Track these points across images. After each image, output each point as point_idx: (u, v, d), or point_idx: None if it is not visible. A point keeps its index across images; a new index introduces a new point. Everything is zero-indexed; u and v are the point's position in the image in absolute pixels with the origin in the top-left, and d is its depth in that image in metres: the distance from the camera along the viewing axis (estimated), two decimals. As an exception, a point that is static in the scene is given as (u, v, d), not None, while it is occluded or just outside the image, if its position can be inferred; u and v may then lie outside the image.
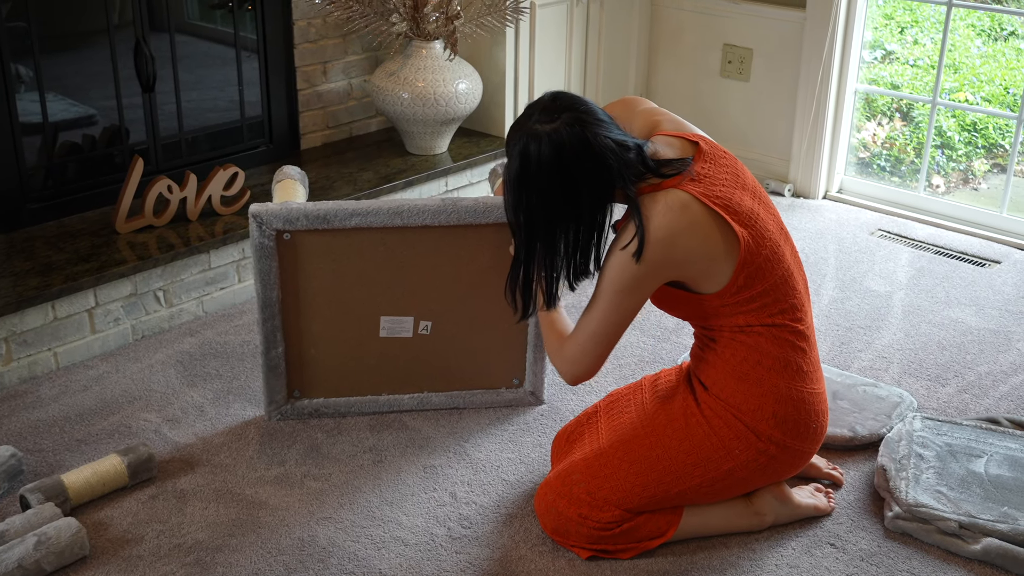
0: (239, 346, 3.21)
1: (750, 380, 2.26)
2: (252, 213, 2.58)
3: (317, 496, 2.54)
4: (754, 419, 2.27)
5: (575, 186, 2.12)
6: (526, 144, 2.12)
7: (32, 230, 3.35)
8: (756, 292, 2.21)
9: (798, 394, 2.28)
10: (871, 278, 3.74)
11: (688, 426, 2.32)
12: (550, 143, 2.10)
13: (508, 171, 2.18)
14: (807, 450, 2.34)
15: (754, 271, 2.19)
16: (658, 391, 2.47)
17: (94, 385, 2.99)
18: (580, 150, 2.10)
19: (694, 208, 2.15)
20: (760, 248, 2.20)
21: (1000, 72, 5.03)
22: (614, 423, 2.46)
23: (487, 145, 4.21)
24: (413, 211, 2.62)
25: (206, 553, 2.34)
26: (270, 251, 2.61)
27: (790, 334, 2.26)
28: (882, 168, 4.71)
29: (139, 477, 2.55)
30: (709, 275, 2.18)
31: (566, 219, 2.16)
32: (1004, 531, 2.36)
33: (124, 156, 3.56)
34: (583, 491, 2.33)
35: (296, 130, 4.07)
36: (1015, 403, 2.98)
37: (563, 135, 2.10)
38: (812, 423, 2.31)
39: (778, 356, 2.25)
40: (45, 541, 2.23)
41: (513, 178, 2.16)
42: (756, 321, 2.23)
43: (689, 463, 2.30)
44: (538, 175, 2.12)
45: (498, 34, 4.15)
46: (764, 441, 2.28)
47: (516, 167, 2.14)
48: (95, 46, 3.43)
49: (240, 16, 3.77)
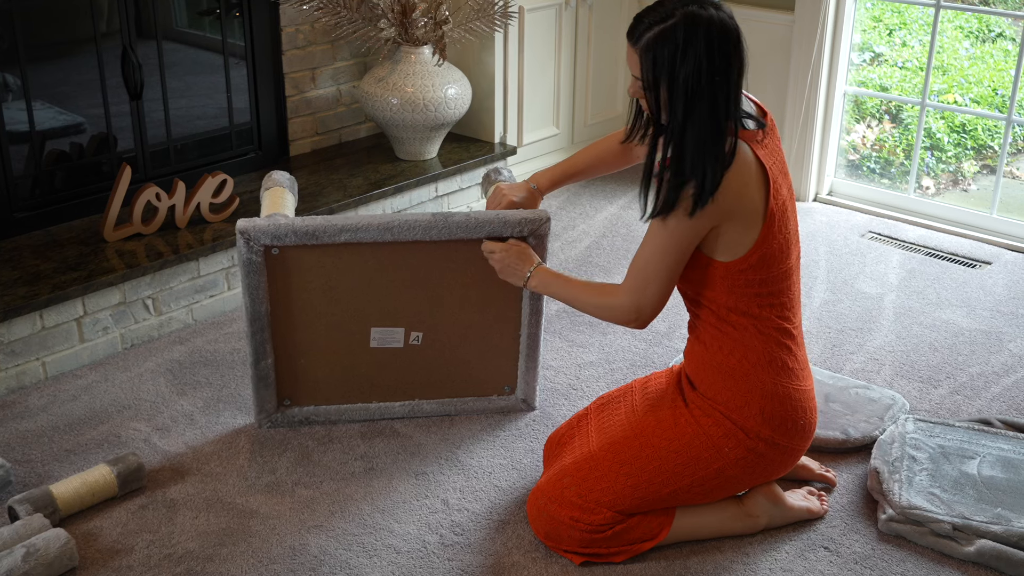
0: (229, 354, 3.19)
1: (736, 376, 2.27)
2: (239, 229, 2.55)
3: (308, 504, 2.53)
4: (742, 416, 2.27)
5: (729, 61, 2.09)
6: (699, 3, 2.08)
7: (19, 239, 3.33)
8: (758, 277, 2.21)
9: (784, 390, 2.28)
10: (862, 280, 3.74)
11: (677, 425, 2.33)
12: (726, 14, 2.10)
13: (670, 32, 2.09)
14: (796, 447, 2.34)
15: (766, 255, 2.20)
16: (648, 393, 2.47)
17: (83, 395, 2.97)
18: (739, 39, 2.11)
19: (754, 167, 2.16)
20: (778, 235, 2.21)
21: (988, 73, 5.04)
22: (604, 425, 2.46)
23: (477, 150, 4.21)
24: (404, 227, 2.60)
25: (197, 563, 2.33)
26: (258, 266, 2.59)
27: (775, 330, 2.27)
28: (872, 170, 4.71)
29: (129, 487, 2.54)
30: (733, 237, 2.18)
31: (717, 92, 2.09)
32: (998, 533, 2.36)
33: (112, 164, 3.54)
34: (574, 494, 2.32)
35: (285, 137, 4.06)
36: (1007, 404, 2.98)
37: (733, 19, 2.11)
38: (800, 419, 2.31)
39: (763, 351, 2.26)
40: (34, 553, 2.21)
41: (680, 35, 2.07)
42: (745, 307, 2.24)
43: (679, 463, 2.30)
44: (708, 33, 2.07)
45: (487, 39, 4.15)
46: (753, 438, 2.28)
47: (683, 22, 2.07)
48: (82, 54, 3.41)
49: (228, 23, 3.76)
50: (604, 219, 4.23)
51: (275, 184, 2.88)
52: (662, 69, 2.10)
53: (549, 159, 4.55)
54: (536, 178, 2.71)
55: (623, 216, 4.26)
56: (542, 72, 4.37)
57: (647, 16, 2.12)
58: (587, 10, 4.46)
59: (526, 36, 4.23)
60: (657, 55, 2.09)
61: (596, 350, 3.24)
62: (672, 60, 2.08)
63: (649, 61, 2.11)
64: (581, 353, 3.23)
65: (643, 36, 2.11)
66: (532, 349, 2.81)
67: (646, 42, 2.10)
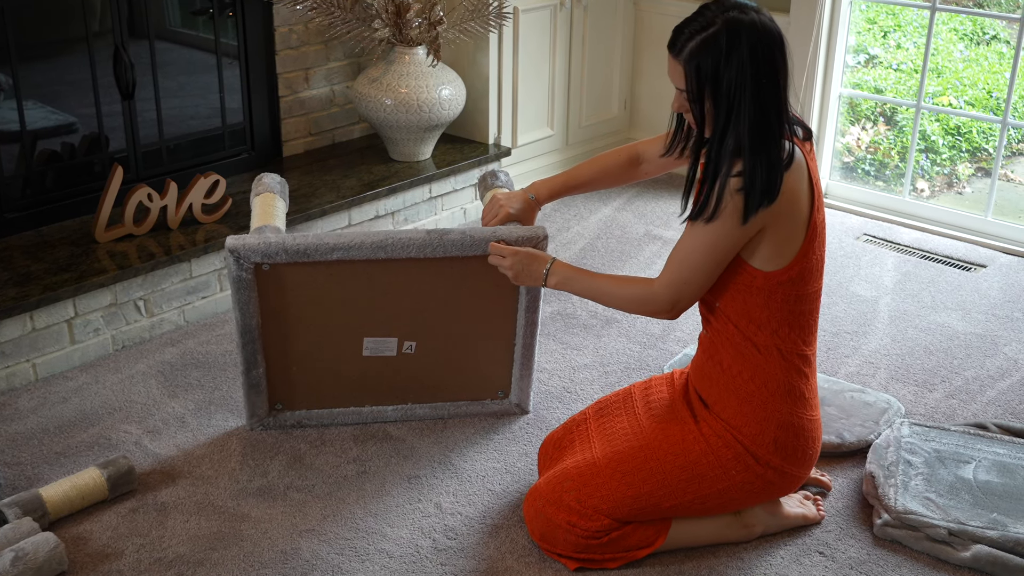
0: (221, 356, 3.17)
1: (753, 402, 2.24)
2: (229, 248, 2.50)
3: (300, 508, 2.51)
4: (754, 443, 2.25)
5: (775, 65, 2.06)
6: (739, 9, 2.05)
7: (10, 239, 3.31)
8: (795, 293, 2.19)
9: (799, 421, 2.26)
10: (857, 283, 3.74)
11: (685, 442, 2.30)
12: (767, 18, 2.07)
13: (713, 40, 2.05)
14: (801, 475, 2.33)
15: (805, 269, 2.18)
16: (651, 402, 2.44)
17: (73, 397, 2.95)
18: (783, 42, 2.08)
19: (806, 174, 2.14)
20: (817, 250, 2.19)
21: (983, 76, 5.04)
22: (606, 432, 2.43)
23: (471, 151, 4.19)
24: (397, 245, 2.55)
25: (188, 567, 2.31)
26: (248, 283, 2.55)
27: (797, 356, 2.24)
28: (867, 172, 4.71)
29: (119, 490, 2.52)
30: (778, 244, 2.14)
31: (765, 96, 2.06)
32: (994, 538, 2.35)
33: (104, 164, 3.52)
34: (573, 499, 2.31)
35: (278, 137, 4.04)
36: (1002, 408, 2.97)
37: (774, 23, 2.08)
38: (809, 450, 2.30)
39: (783, 380, 2.24)
40: (23, 557, 2.19)
41: (723, 42, 2.04)
42: (776, 326, 2.20)
43: (683, 479, 2.28)
44: (752, 37, 2.04)
45: (481, 40, 4.13)
46: (762, 465, 2.26)
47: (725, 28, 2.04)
48: (74, 54, 3.39)
49: (221, 23, 3.74)
50: (598, 221, 4.22)
51: (265, 189, 2.84)
52: (707, 78, 2.06)
53: (543, 160, 4.54)
54: (535, 188, 2.65)
55: (617, 218, 4.25)
56: (536, 73, 4.36)
57: (687, 26, 2.08)
58: (582, 11, 4.45)
59: (521, 37, 4.22)
60: (701, 64, 2.06)
61: (590, 352, 3.23)
62: (716, 67, 2.04)
63: (693, 71, 2.07)
64: (575, 356, 3.21)
65: (685, 46, 2.07)
66: (527, 357, 2.79)
67: (689, 52, 2.07)
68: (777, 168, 2.08)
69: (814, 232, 2.17)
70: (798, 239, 2.16)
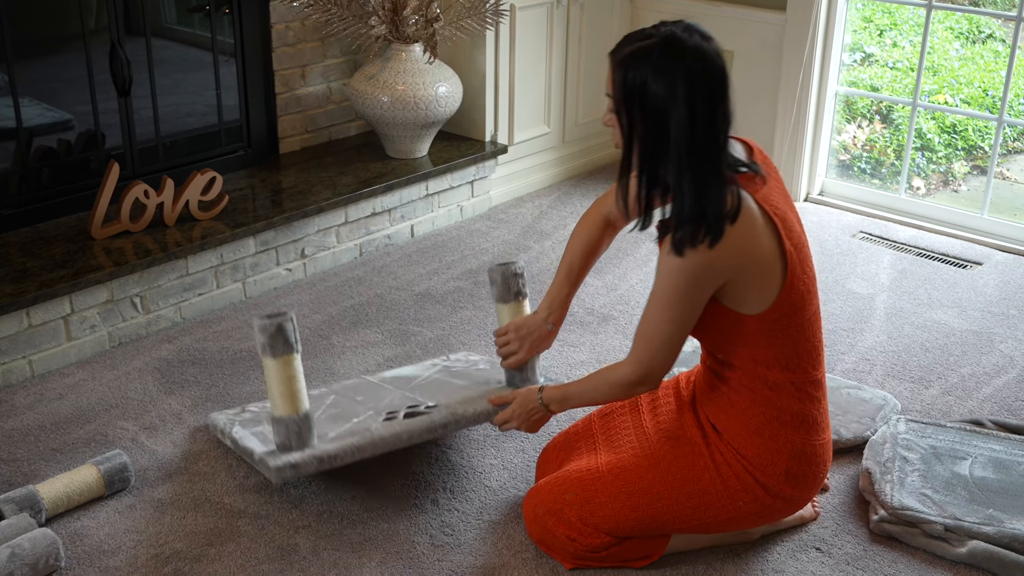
0: (217, 352, 3.17)
1: (765, 435, 2.19)
2: (281, 479, 2.36)
3: (297, 504, 2.51)
4: (765, 474, 2.20)
5: (712, 96, 1.97)
6: (686, 30, 2.00)
7: (6, 236, 3.30)
8: (795, 323, 2.13)
9: (811, 448, 2.22)
10: (853, 280, 3.74)
11: (695, 467, 2.25)
12: (712, 48, 2.00)
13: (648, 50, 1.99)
14: (808, 497, 2.29)
15: (797, 298, 2.12)
16: (658, 411, 2.39)
17: (70, 393, 2.95)
18: (724, 76, 2.00)
19: (758, 217, 2.05)
20: (803, 275, 2.13)
21: (979, 74, 5.05)
22: (613, 443, 2.39)
23: (467, 149, 4.19)
24: (415, 434, 2.48)
25: (184, 563, 2.31)
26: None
27: (809, 383, 2.20)
28: (863, 170, 4.71)
29: (116, 486, 2.51)
30: (756, 288, 2.08)
31: (698, 128, 1.97)
32: (990, 534, 2.35)
33: (100, 161, 3.52)
34: (575, 514, 2.28)
35: (274, 134, 4.04)
36: (998, 404, 2.97)
37: (720, 56, 2.02)
38: (820, 474, 2.27)
39: (797, 412, 2.19)
40: (19, 553, 2.19)
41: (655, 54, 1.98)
42: (785, 360, 2.15)
43: (690, 505, 2.24)
44: (689, 59, 1.96)
45: (478, 37, 4.13)
46: (772, 496, 2.22)
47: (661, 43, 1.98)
48: (70, 51, 3.39)
49: (217, 20, 3.73)
50: (595, 218, 4.22)
51: (285, 351, 2.39)
52: (634, 89, 1.99)
53: (540, 158, 4.53)
54: (551, 309, 2.52)
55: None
56: (533, 71, 4.36)
57: (633, 34, 2.05)
58: (579, 9, 4.45)
59: (517, 34, 4.21)
60: (629, 73, 1.99)
61: (587, 349, 3.23)
62: (644, 81, 1.97)
63: (620, 78, 2.01)
64: (572, 352, 3.21)
65: (621, 51, 2.03)
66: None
67: (621, 58, 2.02)
68: (710, 202, 1.99)
69: (792, 262, 2.09)
70: (776, 276, 2.08)
